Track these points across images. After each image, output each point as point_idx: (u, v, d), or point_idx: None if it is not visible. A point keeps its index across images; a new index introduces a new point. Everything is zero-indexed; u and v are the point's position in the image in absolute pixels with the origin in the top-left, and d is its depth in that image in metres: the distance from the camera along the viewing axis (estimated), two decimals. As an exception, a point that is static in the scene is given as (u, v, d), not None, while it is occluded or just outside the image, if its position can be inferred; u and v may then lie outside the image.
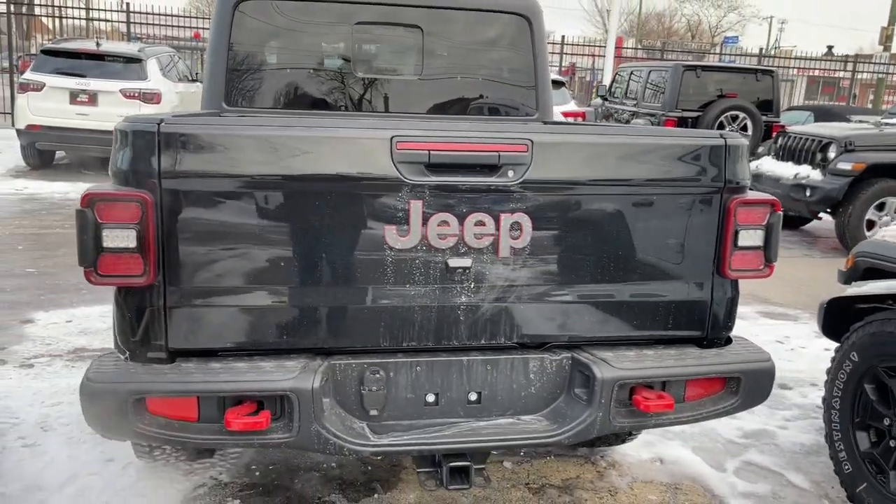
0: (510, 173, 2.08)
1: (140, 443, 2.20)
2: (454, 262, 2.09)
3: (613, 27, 16.49)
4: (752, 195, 2.26)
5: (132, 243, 1.91)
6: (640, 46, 32.03)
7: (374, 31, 3.81)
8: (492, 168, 2.07)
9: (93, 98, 10.02)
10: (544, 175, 2.11)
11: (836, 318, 3.36)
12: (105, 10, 18.48)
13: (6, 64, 15.89)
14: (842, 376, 3.18)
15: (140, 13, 17.88)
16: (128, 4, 17.73)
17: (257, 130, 1.99)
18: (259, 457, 3.30)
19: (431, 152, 2.02)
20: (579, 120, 11.02)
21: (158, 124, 1.91)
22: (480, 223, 2.09)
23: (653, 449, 3.60)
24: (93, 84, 10.01)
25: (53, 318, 5.01)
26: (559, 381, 2.25)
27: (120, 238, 1.90)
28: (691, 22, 56.96)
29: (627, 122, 12.01)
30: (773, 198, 2.29)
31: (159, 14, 17.56)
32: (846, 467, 3.13)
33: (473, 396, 2.22)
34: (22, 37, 25.04)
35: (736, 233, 2.25)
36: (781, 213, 2.31)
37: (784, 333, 5.67)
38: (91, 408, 1.95)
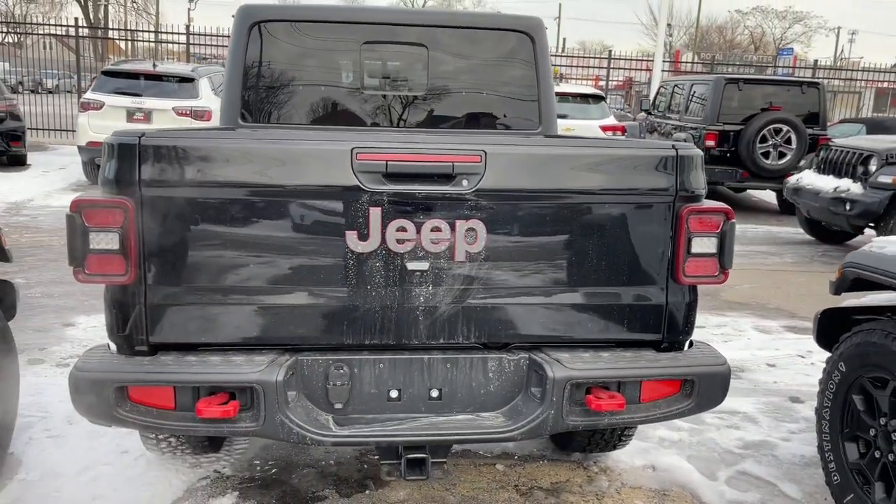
0: (464, 182, 2.22)
1: (122, 428, 2.37)
2: (412, 266, 2.24)
3: (661, 40, 16.42)
4: (704, 204, 2.34)
5: (115, 245, 2.11)
6: (696, 60, 31.61)
7: (382, 50, 4.00)
8: (447, 177, 2.21)
9: (148, 116, 10.54)
10: (497, 184, 2.24)
11: (829, 329, 3.37)
12: (170, 33, 19.39)
13: (51, 82, 16.75)
14: (831, 387, 3.19)
15: (200, 34, 18.68)
16: (188, 27, 18.53)
17: (227, 143, 2.18)
18: (261, 453, 3.49)
19: (389, 162, 2.18)
20: (617, 134, 11.05)
21: (139, 137, 2.11)
22: (437, 229, 2.23)
23: (647, 456, 3.65)
24: (148, 103, 10.54)
25: (94, 322, 5.33)
26: (517, 381, 2.36)
27: (104, 240, 2.11)
28: (754, 34, 55.95)
29: (669, 135, 11.95)
30: (726, 206, 2.36)
31: (217, 35, 18.29)
32: (835, 478, 3.13)
33: (435, 393, 2.35)
34: (97, 58, 26.36)
35: (689, 240, 2.33)
36: (735, 221, 2.38)
37: (807, 348, 5.59)
38: (78, 395, 2.15)
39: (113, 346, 2.27)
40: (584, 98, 11.73)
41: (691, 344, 2.50)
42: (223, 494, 3.14)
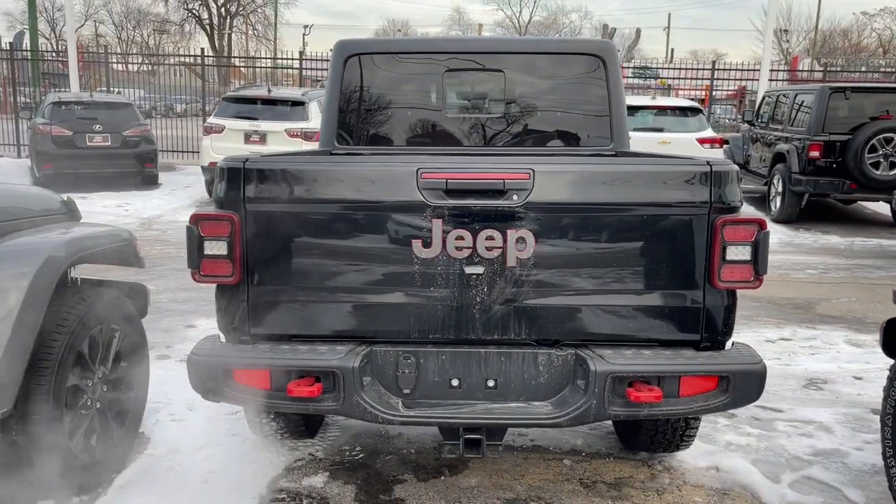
0: (515, 197, 2.53)
1: (230, 404, 2.76)
2: (469, 270, 2.57)
3: (767, 46, 16.03)
4: (739, 215, 2.56)
5: (224, 251, 2.56)
6: (814, 69, 30.34)
7: (462, 76, 4.37)
8: (499, 193, 2.53)
9: (263, 138, 11.41)
10: (545, 198, 2.54)
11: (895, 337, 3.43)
12: (285, 59, 20.67)
13: (180, 107, 18.10)
14: (893, 394, 3.27)
15: (313, 59, 19.78)
16: (301, 52, 19.69)
17: (315, 166, 2.60)
18: (351, 440, 3.90)
19: (448, 180, 2.52)
20: (715, 146, 10.97)
21: (244, 163, 2.56)
22: (490, 238, 2.56)
23: (712, 458, 3.80)
24: (263, 126, 11.41)
25: (212, 324, 5.90)
26: (565, 374, 2.64)
27: (215, 247, 2.56)
28: (882, 37, 52.95)
29: (772, 145, 11.72)
30: (759, 217, 2.56)
31: (328, 60, 19.27)
32: (896, 484, 3.20)
33: (491, 383, 2.67)
34: (221, 83, 28.36)
35: (724, 248, 2.55)
36: (768, 231, 2.57)
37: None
38: (194, 375, 2.61)
39: (222, 336, 2.72)
40: (682, 111, 11.70)
41: (731, 345, 2.69)
42: (315, 474, 3.56)
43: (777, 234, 10.43)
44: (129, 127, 12.81)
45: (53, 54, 19.70)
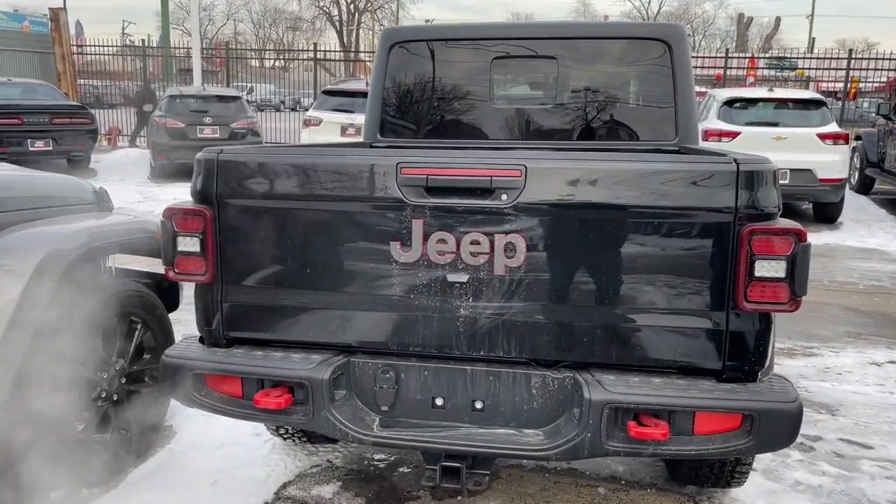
0: (504, 196, 2.23)
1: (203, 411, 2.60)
2: (452, 277, 2.29)
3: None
4: (769, 224, 2.13)
5: (197, 248, 2.41)
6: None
7: (511, 64, 4.05)
8: (486, 191, 2.24)
9: (359, 130, 11.42)
10: (538, 199, 2.22)
11: None
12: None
13: (307, 101, 18.54)
14: None
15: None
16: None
17: (287, 159, 2.39)
18: (372, 449, 3.69)
19: (429, 176, 2.25)
20: (839, 142, 9.95)
21: (217, 154, 2.40)
22: (476, 242, 2.26)
23: (771, 499, 3.33)
24: (359, 118, 11.41)
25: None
26: (562, 400, 2.31)
27: (189, 244, 2.42)
28: None
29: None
30: (797, 227, 2.12)
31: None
32: None
33: (479, 405, 2.37)
34: (348, 77, 29.00)
35: (751, 263, 2.13)
36: (809, 243, 2.13)
37: None
38: (166, 377, 2.48)
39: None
40: (803, 104, 10.70)
41: (765, 377, 2.27)
42: (328, 483, 3.38)
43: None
44: (236, 119, 13.22)
45: (184, 51, 20.74)
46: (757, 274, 2.13)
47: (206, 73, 21.44)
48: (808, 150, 9.89)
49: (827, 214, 10.70)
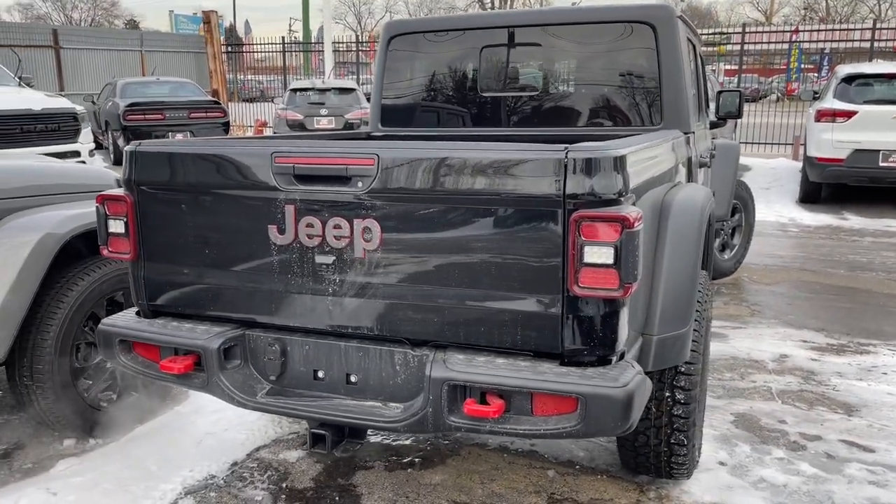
0: (359, 184, 2.37)
1: (126, 371, 2.93)
2: (320, 259, 2.47)
3: None
4: (597, 210, 2.12)
5: (122, 230, 2.75)
6: None
7: (500, 53, 4.11)
8: (344, 179, 2.39)
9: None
10: (390, 186, 2.34)
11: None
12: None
13: None
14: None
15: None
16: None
17: (188, 150, 2.66)
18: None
19: (296, 165, 2.44)
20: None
21: (137, 146, 2.72)
22: (338, 227, 2.42)
23: (723, 494, 3.22)
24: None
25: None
26: (420, 376, 2.42)
27: (116, 226, 2.76)
28: None
29: None
30: (623, 214, 2.10)
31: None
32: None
33: (353, 378, 2.54)
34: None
35: (581, 249, 2.14)
36: (636, 230, 2.09)
37: None
38: (100, 343, 2.84)
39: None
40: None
41: (609, 362, 2.26)
42: (296, 448, 3.66)
43: None
44: (351, 110, 13.87)
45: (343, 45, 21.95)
46: (587, 260, 2.14)
47: (363, 65, 22.49)
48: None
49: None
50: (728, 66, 29.03)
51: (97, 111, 15.63)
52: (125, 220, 2.74)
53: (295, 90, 14.24)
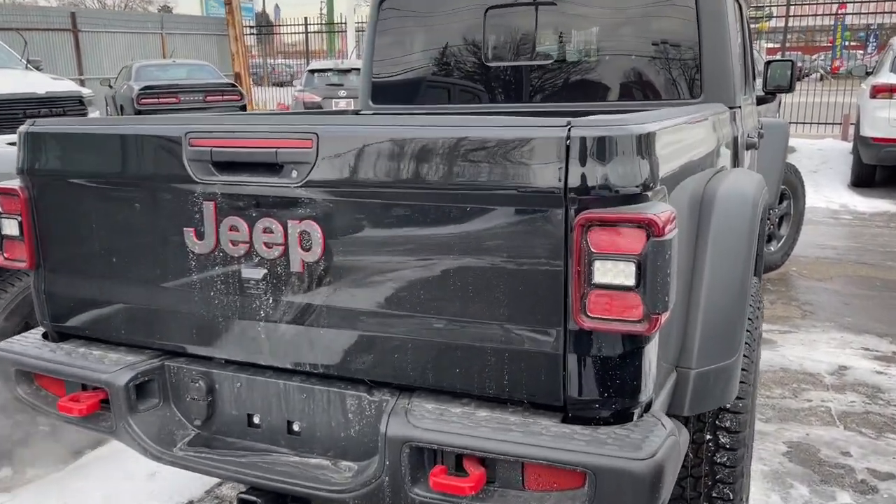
0: (294, 173, 1.77)
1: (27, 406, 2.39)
2: (247, 273, 1.87)
3: None
4: (612, 211, 1.49)
5: (16, 231, 2.18)
6: None
7: (506, 15, 3.47)
8: (273, 167, 1.79)
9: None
10: (332, 175, 1.73)
11: None
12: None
13: None
14: None
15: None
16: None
17: (92, 130, 2.07)
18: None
19: (213, 149, 1.84)
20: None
21: (30, 126, 2.14)
22: (268, 230, 1.82)
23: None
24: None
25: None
26: (378, 429, 1.82)
27: (10, 226, 2.19)
28: None
29: None
30: (649, 216, 1.46)
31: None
32: None
33: (296, 427, 1.95)
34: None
35: (590, 264, 1.51)
36: (668, 238, 1.46)
37: None
38: None
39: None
40: None
41: (629, 417, 1.63)
42: (263, 485, 3.10)
43: None
44: (370, 92, 13.22)
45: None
46: (597, 280, 1.51)
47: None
48: None
49: None
50: (770, 45, 27.81)
51: (114, 95, 15.23)
52: (19, 219, 2.17)
53: (313, 71, 13.65)
